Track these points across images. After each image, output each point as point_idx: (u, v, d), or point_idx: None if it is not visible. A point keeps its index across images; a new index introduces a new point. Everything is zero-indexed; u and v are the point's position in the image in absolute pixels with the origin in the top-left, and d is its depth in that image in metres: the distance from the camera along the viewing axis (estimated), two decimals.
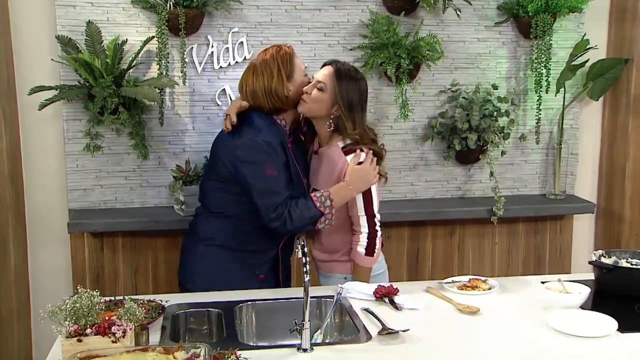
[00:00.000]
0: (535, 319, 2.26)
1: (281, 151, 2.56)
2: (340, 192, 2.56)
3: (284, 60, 2.60)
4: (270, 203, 2.50)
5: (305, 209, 2.52)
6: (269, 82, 2.57)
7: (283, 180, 2.54)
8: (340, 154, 2.61)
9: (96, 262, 3.43)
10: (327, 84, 2.59)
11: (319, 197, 2.53)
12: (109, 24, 3.31)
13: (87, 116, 3.33)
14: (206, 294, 2.48)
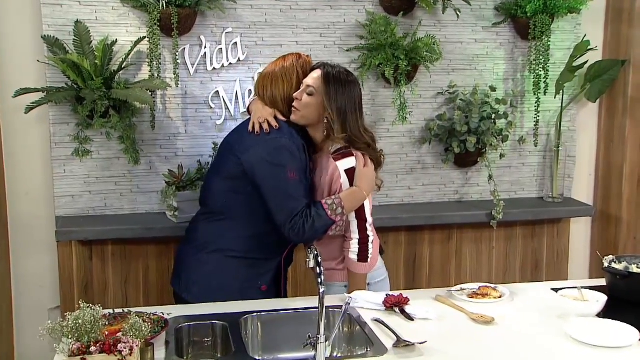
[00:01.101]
0: (552, 327, 2.19)
1: (303, 156, 2.51)
2: (352, 197, 2.50)
3: (303, 69, 2.58)
4: (288, 208, 2.43)
5: (317, 219, 2.45)
6: (289, 90, 2.56)
7: (303, 186, 2.48)
8: (329, 160, 2.54)
9: (84, 271, 3.29)
10: (317, 88, 2.50)
11: (330, 205, 2.46)
12: (98, 23, 3.19)
13: (75, 120, 3.20)
14: (209, 305, 2.38)
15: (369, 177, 2.52)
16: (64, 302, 3.29)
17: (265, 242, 2.57)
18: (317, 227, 2.44)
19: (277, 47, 3.37)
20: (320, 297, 1.93)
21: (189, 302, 2.53)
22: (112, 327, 2.06)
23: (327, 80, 2.50)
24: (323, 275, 1.96)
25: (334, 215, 2.46)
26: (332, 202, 2.47)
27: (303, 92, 2.52)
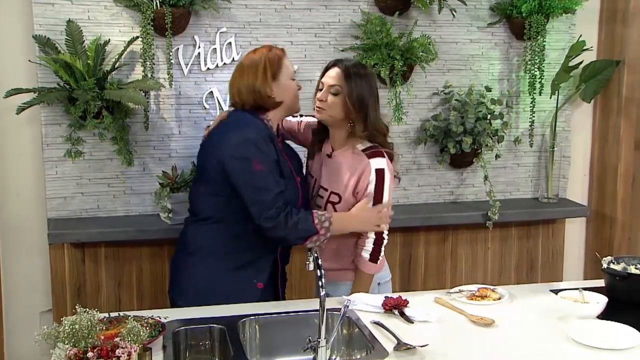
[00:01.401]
0: (553, 330, 2.17)
1: (270, 147, 2.47)
2: (342, 221, 2.50)
3: (271, 61, 2.53)
4: (258, 200, 2.41)
5: (303, 221, 2.42)
6: (254, 81, 2.51)
7: (272, 176, 2.44)
8: (363, 157, 2.52)
9: (77, 274, 3.25)
10: (342, 86, 2.49)
11: (319, 216, 2.45)
12: (90, 23, 3.15)
13: (67, 120, 3.16)
14: (206, 309, 2.34)
15: (366, 217, 2.51)
16: (56, 305, 3.25)
17: (255, 241, 2.52)
18: (299, 228, 2.41)
19: None
20: (321, 300, 1.91)
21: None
22: (108, 331, 2.03)
23: (348, 77, 2.50)
24: (324, 278, 1.93)
25: (319, 225, 2.43)
26: (322, 214, 2.47)
27: (327, 93, 2.51)
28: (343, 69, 2.51)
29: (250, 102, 2.52)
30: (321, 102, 2.52)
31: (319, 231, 2.44)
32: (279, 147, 2.54)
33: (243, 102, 2.54)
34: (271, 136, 2.50)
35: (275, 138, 2.54)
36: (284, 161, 2.53)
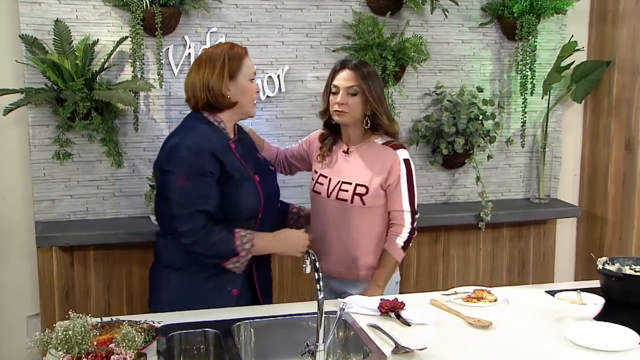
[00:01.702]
0: (550, 331, 2.16)
1: (206, 157, 2.34)
2: (266, 243, 2.44)
3: (231, 58, 2.43)
4: (179, 216, 2.33)
5: (223, 241, 2.34)
6: (209, 77, 2.39)
7: (196, 191, 2.33)
8: (388, 150, 2.59)
9: (65, 277, 3.20)
10: (359, 86, 2.54)
11: (241, 237, 2.36)
12: (78, 22, 3.10)
13: (55, 121, 3.11)
14: (200, 312, 2.30)
15: (293, 242, 2.48)
16: (44, 309, 3.20)
17: None
18: (219, 248, 2.34)
19: (262, 47, 3.31)
20: (318, 303, 1.88)
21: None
22: (101, 336, 1.99)
23: (363, 76, 2.55)
24: (322, 282, 1.90)
25: (240, 247, 2.35)
26: (246, 234, 2.38)
27: (345, 95, 2.54)
28: (355, 69, 2.55)
29: (203, 100, 2.41)
30: (342, 105, 2.54)
31: (239, 253, 2.35)
32: (230, 152, 2.42)
33: (196, 100, 2.43)
34: (217, 144, 2.38)
35: (226, 143, 2.42)
36: (237, 166, 2.41)
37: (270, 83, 3.33)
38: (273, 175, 2.65)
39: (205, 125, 2.43)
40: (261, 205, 2.45)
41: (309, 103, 3.40)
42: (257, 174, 2.50)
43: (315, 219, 2.74)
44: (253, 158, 2.57)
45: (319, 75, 3.40)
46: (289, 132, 3.40)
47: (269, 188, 2.54)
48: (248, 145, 2.60)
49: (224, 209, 2.39)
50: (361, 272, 2.66)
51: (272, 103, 3.36)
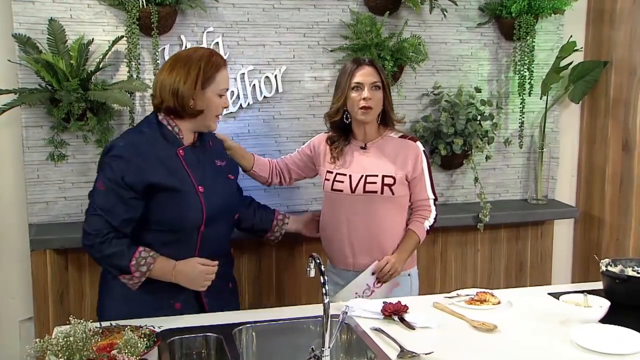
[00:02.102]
0: (556, 334, 2.14)
1: (132, 169, 2.26)
2: (163, 271, 2.30)
3: (207, 67, 2.34)
4: (86, 218, 2.30)
5: (118, 256, 2.26)
6: (180, 83, 2.32)
7: (104, 199, 2.26)
8: (408, 142, 2.68)
9: (60, 281, 3.15)
10: (381, 80, 2.61)
11: (139, 258, 2.26)
12: (73, 22, 3.05)
13: (49, 122, 3.05)
14: (201, 316, 2.27)
15: (193, 276, 2.34)
16: (38, 313, 3.14)
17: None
18: (113, 262, 2.27)
19: (259, 47, 3.27)
20: (324, 307, 1.85)
21: None
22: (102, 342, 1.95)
23: (382, 71, 2.64)
24: (328, 285, 1.87)
25: (135, 267, 2.26)
26: (146, 257, 2.27)
27: (371, 90, 2.58)
28: (374, 64, 2.63)
29: (168, 104, 2.34)
30: (369, 100, 2.57)
31: (133, 273, 2.26)
32: (176, 159, 2.34)
33: (162, 100, 2.35)
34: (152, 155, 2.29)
35: (168, 152, 2.33)
36: (180, 176, 2.33)
37: (267, 83, 3.30)
38: (226, 185, 2.51)
39: (152, 131, 2.36)
40: (203, 217, 2.35)
41: (306, 104, 3.37)
42: (203, 184, 2.38)
43: (336, 217, 2.71)
44: (206, 167, 2.45)
45: (317, 75, 3.36)
46: (286, 133, 3.36)
47: (216, 199, 2.41)
48: (207, 153, 2.48)
49: (164, 219, 2.33)
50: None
51: (269, 104, 3.32)
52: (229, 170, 2.56)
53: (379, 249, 2.67)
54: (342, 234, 2.69)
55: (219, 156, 2.55)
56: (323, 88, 3.38)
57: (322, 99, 3.38)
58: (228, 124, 3.27)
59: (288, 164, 2.88)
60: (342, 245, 2.70)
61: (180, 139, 2.39)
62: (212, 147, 2.54)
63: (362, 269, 2.67)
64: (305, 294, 3.43)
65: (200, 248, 2.39)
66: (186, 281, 2.33)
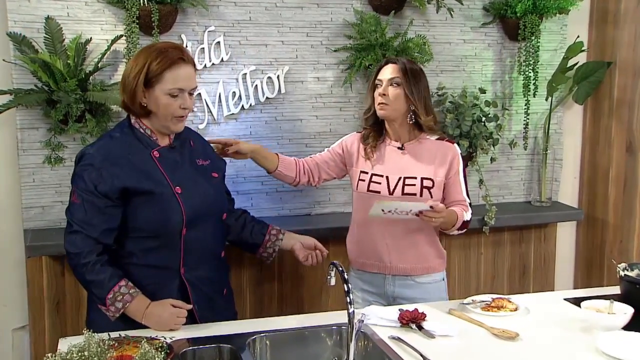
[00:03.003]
0: (580, 342, 2.09)
1: (105, 176, 2.16)
2: (136, 312, 2.16)
3: (155, 63, 2.17)
4: (65, 234, 2.20)
5: (97, 285, 2.15)
6: (128, 73, 2.20)
7: (80, 212, 2.17)
8: (446, 144, 2.62)
9: (56, 288, 3.04)
10: (401, 78, 2.54)
11: (117, 293, 2.14)
12: (70, 20, 2.95)
13: (45, 124, 2.95)
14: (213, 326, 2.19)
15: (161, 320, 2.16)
16: (33, 322, 3.03)
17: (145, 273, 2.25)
18: (91, 289, 2.17)
19: (261, 47, 3.19)
20: (349, 317, 1.78)
21: None
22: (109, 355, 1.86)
23: (406, 71, 2.55)
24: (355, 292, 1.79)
25: (111, 301, 2.13)
26: (126, 293, 2.15)
27: (387, 86, 2.53)
28: (398, 63, 2.57)
29: (122, 98, 2.24)
30: (383, 96, 2.53)
31: (108, 306, 2.14)
32: (151, 161, 2.23)
33: (123, 98, 2.25)
34: (123, 159, 2.19)
35: (142, 155, 2.23)
36: (156, 178, 2.22)
37: (270, 84, 3.22)
38: (208, 185, 2.36)
39: (125, 135, 2.26)
40: (183, 219, 2.23)
41: (309, 105, 3.29)
42: (181, 184, 2.25)
43: (371, 219, 2.58)
44: (184, 166, 2.32)
45: (320, 76, 3.29)
46: (288, 135, 3.28)
47: (197, 200, 2.27)
48: (187, 152, 2.36)
49: (143, 225, 2.22)
50: (430, 263, 2.66)
51: (271, 105, 3.24)
52: (213, 169, 2.42)
53: (417, 254, 2.62)
54: (377, 238, 2.62)
55: (202, 155, 2.41)
56: (326, 89, 3.31)
57: (325, 100, 3.31)
58: (229, 126, 3.19)
59: (318, 162, 2.77)
60: (377, 249, 2.62)
61: (154, 141, 2.28)
62: (194, 147, 2.40)
63: (398, 273, 2.62)
64: (309, 300, 3.35)
65: (185, 252, 2.27)
66: (156, 323, 2.15)
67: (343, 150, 2.74)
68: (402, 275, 2.61)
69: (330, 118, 3.34)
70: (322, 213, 3.38)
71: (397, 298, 2.60)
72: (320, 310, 3.31)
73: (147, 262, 2.24)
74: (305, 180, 2.76)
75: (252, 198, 3.27)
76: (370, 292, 2.64)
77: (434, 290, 2.63)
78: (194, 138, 2.47)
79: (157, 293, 2.22)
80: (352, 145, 2.71)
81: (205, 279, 2.34)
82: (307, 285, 3.32)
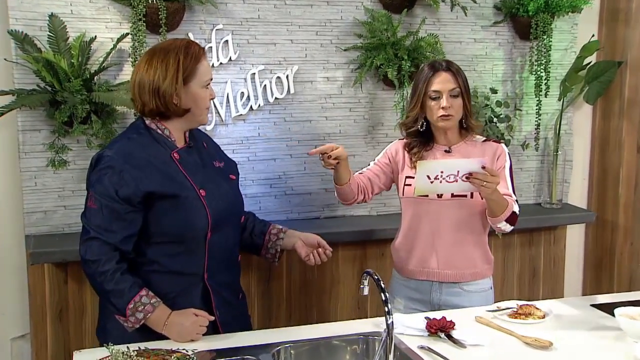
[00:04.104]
0: (617, 351, 2.02)
1: (126, 180, 2.06)
2: (158, 322, 2.06)
3: (187, 60, 2.11)
4: (81, 241, 2.11)
5: (116, 295, 2.05)
6: (160, 80, 2.08)
7: (97, 217, 2.07)
8: (492, 144, 2.56)
9: (59, 296, 2.93)
10: (460, 87, 2.46)
11: (138, 303, 2.04)
12: (73, 18, 2.85)
13: (48, 126, 2.85)
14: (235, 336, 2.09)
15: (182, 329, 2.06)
16: (35, 330, 2.92)
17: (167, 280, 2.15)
18: (110, 299, 2.07)
19: (270, 46, 3.11)
20: (388, 328, 1.69)
21: None
22: None
23: (461, 76, 2.48)
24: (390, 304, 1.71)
25: (131, 312, 2.03)
26: (146, 302, 2.05)
27: (449, 98, 2.43)
28: (452, 70, 2.47)
29: (151, 106, 2.12)
30: (448, 109, 2.43)
31: (127, 317, 2.05)
32: (172, 163, 2.13)
33: (143, 103, 2.12)
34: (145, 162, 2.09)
35: (162, 157, 2.13)
36: (179, 180, 2.12)
37: (279, 84, 3.13)
38: (229, 186, 2.29)
39: (142, 137, 2.15)
40: (209, 223, 2.14)
41: (318, 105, 3.21)
42: (204, 187, 2.17)
43: (419, 224, 2.52)
44: (205, 168, 2.24)
45: (329, 75, 3.21)
46: (297, 137, 3.19)
47: (220, 202, 2.20)
48: (203, 153, 2.28)
49: (167, 230, 2.12)
50: (477, 268, 2.56)
51: (280, 105, 3.15)
52: (230, 170, 2.35)
53: (467, 258, 2.53)
54: (426, 243, 2.53)
55: (217, 157, 2.34)
56: (336, 89, 3.23)
57: (335, 101, 3.23)
58: (237, 127, 3.10)
59: (370, 178, 2.63)
60: (426, 254, 2.53)
61: (172, 142, 2.18)
62: (207, 148, 2.33)
63: (446, 280, 2.52)
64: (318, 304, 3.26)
65: (209, 257, 2.18)
66: (177, 333, 2.05)
67: (390, 160, 2.63)
68: (450, 282, 2.53)
69: (340, 119, 3.26)
70: (332, 216, 3.30)
71: (443, 306, 2.52)
72: (329, 316, 3.24)
73: (170, 268, 2.14)
74: (360, 199, 2.63)
75: (260, 201, 3.17)
76: (414, 299, 2.56)
77: (482, 300, 2.53)
78: (205, 139, 2.38)
79: (178, 301, 2.12)
80: (397, 154, 2.61)
81: (224, 284, 2.25)
82: (317, 292, 3.24)
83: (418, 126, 2.51)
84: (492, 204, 2.37)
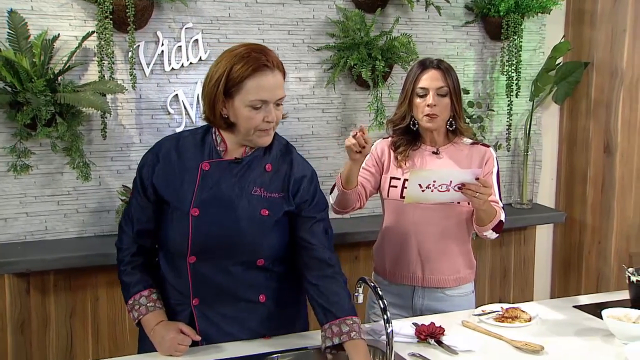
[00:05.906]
0: (607, 353, 2.00)
1: (149, 171, 1.97)
2: (148, 324, 1.98)
3: (235, 69, 1.84)
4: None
5: (124, 288, 2.03)
6: (208, 83, 1.89)
7: (130, 204, 2.04)
8: (481, 147, 2.48)
9: (20, 307, 2.80)
10: (449, 86, 2.37)
11: (135, 302, 1.99)
12: (34, 14, 2.72)
13: (8, 129, 2.71)
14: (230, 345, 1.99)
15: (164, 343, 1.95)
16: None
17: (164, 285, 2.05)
18: (122, 289, 2.04)
19: None
20: (388, 337, 1.63)
21: None
22: None
23: (448, 74, 2.38)
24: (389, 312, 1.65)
25: (131, 307, 1.99)
26: (144, 303, 2.00)
27: (435, 96, 2.35)
28: (441, 68, 2.38)
29: (203, 110, 1.95)
30: (434, 107, 2.34)
31: (129, 311, 2.02)
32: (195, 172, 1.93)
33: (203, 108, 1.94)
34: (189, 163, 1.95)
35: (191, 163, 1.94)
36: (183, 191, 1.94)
37: None
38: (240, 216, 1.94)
39: (192, 136, 2.00)
40: (188, 245, 1.93)
41: (290, 106, 3.13)
42: (202, 207, 1.93)
43: (403, 228, 2.44)
44: (228, 188, 1.95)
45: (302, 76, 3.14)
46: None
47: (212, 228, 1.93)
48: (251, 175, 1.97)
49: (159, 236, 2.02)
50: (461, 274, 2.51)
51: None
52: (270, 205, 1.97)
53: (450, 264, 2.47)
54: (409, 247, 2.45)
55: (271, 187, 1.98)
56: (308, 89, 3.16)
57: (308, 102, 3.17)
58: None
59: (362, 183, 2.48)
60: (409, 259, 2.46)
61: (220, 152, 1.96)
62: (269, 172, 1.99)
63: (429, 285, 2.46)
64: None
65: (196, 282, 1.99)
66: (158, 344, 1.96)
67: (376, 161, 2.52)
68: (433, 287, 2.48)
69: (312, 120, 3.19)
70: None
71: (425, 311, 2.46)
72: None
73: (168, 279, 2.03)
74: (357, 206, 2.50)
75: None
76: (395, 304, 2.49)
77: (464, 304, 2.49)
78: (277, 162, 2.01)
79: (170, 314, 2.03)
80: (382, 153, 2.51)
81: (229, 318, 2.03)
82: None
83: (405, 124, 2.43)
84: (482, 214, 2.34)
